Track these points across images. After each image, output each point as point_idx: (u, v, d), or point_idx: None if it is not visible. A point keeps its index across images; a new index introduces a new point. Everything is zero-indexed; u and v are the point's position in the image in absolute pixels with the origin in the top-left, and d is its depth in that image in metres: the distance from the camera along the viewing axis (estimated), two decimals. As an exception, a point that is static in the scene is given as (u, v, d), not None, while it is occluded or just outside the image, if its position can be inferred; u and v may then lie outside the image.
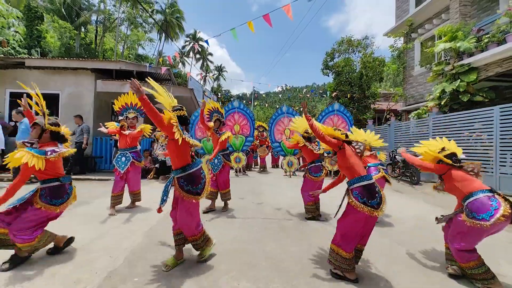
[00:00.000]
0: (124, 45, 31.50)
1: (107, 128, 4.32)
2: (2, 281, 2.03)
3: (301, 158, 10.11)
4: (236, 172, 8.55)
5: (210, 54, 46.61)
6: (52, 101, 7.76)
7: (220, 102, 33.89)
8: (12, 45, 15.73)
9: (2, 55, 15.91)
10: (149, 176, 7.21)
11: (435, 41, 9.07)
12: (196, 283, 2.08)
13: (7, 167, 2.16)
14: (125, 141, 4.19)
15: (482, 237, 2.06)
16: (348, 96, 13.34)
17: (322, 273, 2.28)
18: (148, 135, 4.45)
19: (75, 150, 2.73)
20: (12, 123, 7.78)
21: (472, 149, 6.12)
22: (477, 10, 8.75)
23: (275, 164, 12.40)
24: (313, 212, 3.86)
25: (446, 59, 8.00)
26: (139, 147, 4.42)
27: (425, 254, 2.73)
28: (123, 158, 4.16)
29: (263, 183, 7.12)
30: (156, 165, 7.42)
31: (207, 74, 42.34)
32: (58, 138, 2.52)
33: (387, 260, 2.56)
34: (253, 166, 11.35)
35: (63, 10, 24.09)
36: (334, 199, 5.24)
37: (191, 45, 41.26)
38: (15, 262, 2.26)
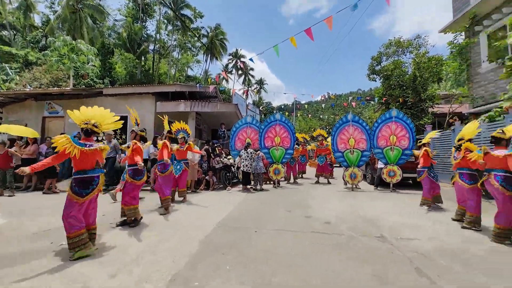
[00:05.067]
0: (175, 68, 35.08)
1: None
2: (83, 277, 2.41)
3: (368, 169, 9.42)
4: (274, 184, 8.52)
5: (252, 69, 48.46)
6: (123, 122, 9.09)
7: (262, 115, 34.57)
8: (91, 77, 18.96)
9: (84, 86, 19.17)
10: (200, 187, 7.73)
11: (507, 32, 7.87)
12: (252, 293, 2.15)
13: None
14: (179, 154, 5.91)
15: None
16: (400, 101, 12.32)
17: (382, 294, 2.13)
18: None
19: None
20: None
21: None
22: (563, -10, 7.37)
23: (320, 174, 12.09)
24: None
25: (524, 51, 6.85)
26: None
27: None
28: (178, 166, 5.81)
29: (310, 196, 6.96)
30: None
31: (249, 89, 43.96)
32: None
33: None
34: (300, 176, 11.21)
35: (127, 43, 28.18)
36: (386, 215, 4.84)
37: (233, 62, 43.66)
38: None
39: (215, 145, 8.63)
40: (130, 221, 3.94)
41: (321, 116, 44.53)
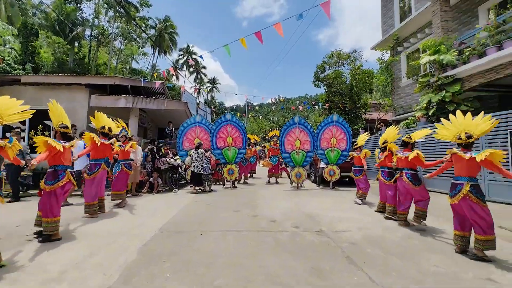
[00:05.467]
0: (117, 60, 31.74)
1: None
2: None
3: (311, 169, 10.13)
4: (223, 184, 8.50)
5: (204, 67, 47.25)
6: (45, 117, 7.71)
7: (214, 114, 34.02)
8: (7, 61, 15.71)
9: (-4, 72, 15.79)
10: (143, 190, 7.16)
11: (420, 54, 9.49)
12: (192, 299, 2.07)
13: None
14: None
15: None
16: (340, 107, 13.66)
17: (318, 286, 2.30)
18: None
19: None
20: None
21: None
22: (458, 24, 9.25)
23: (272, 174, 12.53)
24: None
25: (431, 71, 8.37)
26: None
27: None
28: (116, 167, 5.49)
29: (259, 196, 7.12)
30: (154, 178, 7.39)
31: (201, 87, 42.73)
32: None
33: (381, 269, 2.59)
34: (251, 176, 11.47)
35: (57, 26, 24.32)
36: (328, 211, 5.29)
37: (184, 58, 41.85)
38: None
39: (161, 144, 8.11)
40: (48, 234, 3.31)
41: (271, 118, 46.12)
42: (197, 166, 7.29)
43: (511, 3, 6.97)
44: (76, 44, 27.54)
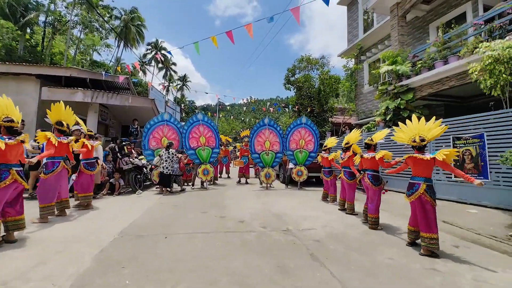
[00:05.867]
0: (76, 50, 29.11)
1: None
2: None
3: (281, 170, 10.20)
4: (202, 184, 8.32)
5: (174, 64, 45.56)
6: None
7: (183, 113, 33.00)
8: None
9: None
10: (102, 192, 6.65)
11: (380, 63, 10.27)
12: (153, 305, 1.98)
13: None
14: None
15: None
16: (309, 110, 14.19)
17: (284, 285, 2.35)
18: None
19: None
20: None
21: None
22: (412, 39, 10.21)
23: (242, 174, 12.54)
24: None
25: (389, 80, 9.10)
26: None
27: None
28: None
29: (227, 196, 7.07)
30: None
31: (170, 84, 41.14)
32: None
33: (341, 264, 2.74)
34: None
35: (6, 9, 21.56)
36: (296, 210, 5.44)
37: (153, 53, 39.92)
38: None
39: (124, 143, 7.62)
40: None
41: (242, 119, 46.20)
42: (167, 167, 6.98)
43: (455, 23, 7.89)
44: (28, 30, 24.69)
